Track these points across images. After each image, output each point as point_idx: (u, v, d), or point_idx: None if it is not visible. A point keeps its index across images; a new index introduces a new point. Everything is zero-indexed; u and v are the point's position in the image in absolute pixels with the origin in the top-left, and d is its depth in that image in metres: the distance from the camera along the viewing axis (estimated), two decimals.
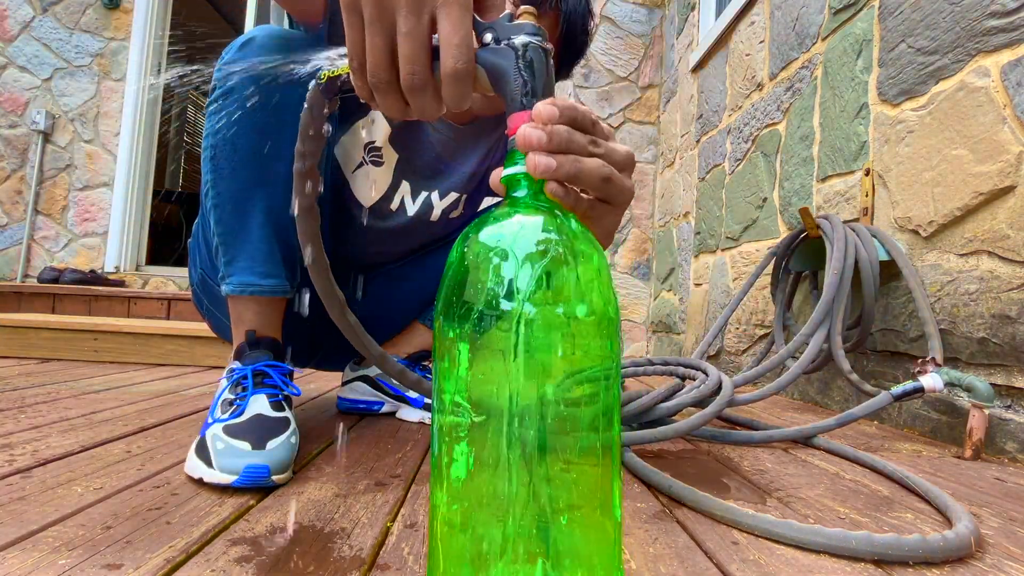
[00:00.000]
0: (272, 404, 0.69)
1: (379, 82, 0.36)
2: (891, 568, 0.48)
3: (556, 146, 0.33)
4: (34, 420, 0.87)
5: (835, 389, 1.40)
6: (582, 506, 0.29)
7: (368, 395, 1.06)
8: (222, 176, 0.75)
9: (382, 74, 0.36)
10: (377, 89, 0.37)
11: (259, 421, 0.66)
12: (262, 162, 0.75)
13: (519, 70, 0.34)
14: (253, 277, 0.77)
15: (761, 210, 1.83)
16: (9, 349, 1.70)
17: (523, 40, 0.34)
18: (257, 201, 0.76)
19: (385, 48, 0.35)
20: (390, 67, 0.36)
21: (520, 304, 0.28)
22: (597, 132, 0.37)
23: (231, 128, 0.73)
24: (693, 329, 2.36)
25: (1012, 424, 0.93)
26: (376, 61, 0.36)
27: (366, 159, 0.91)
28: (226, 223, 0.77)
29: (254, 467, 0.58)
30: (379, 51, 0.35)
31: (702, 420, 0.83)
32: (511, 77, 0.34)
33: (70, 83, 2.97)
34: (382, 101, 0.37)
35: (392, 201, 0.96)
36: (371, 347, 0.50)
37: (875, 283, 1.17)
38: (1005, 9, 0.97)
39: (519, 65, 0.34)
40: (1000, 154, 0.96)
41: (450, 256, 0.32)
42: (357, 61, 0.37)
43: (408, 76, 0.35)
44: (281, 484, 0.61)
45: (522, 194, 0.33)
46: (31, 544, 0.43)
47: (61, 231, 2.95)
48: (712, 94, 2.32)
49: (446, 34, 0.34)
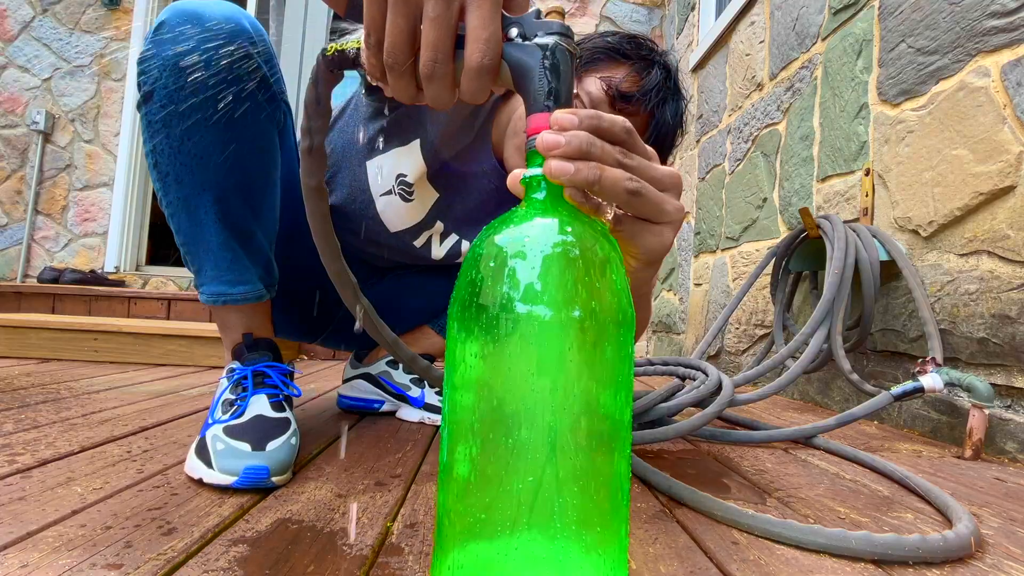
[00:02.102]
0: (272, 404, 0.69)
1: (396, 63, 0.35)
2: (891, 568, 0.48)
3: (575, 151, 0.32)
4: (34, 420, 0.87)
5: (835, 389, 1.40)
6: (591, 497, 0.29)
7: (369, 393, 1.06)
8: (169, 185, 0.70)
9: (400, 55, 0.34)
10: (392, 70, 0.35)
11: (259, 422, 0.66)
12: (204, 164, 0.69)
13: (544, 70, 0.33)
14: (223, 287, 0.75)
15: (761, 210, 1.83)
16: (9, 349, 1.70)
17: (551, 40, 0.33)
18: (208, 207, 0.71)
19: (407, 29, 0.34)
20: (409, 49, 0.34)
21: (526, 304, 0.28)
22: (632, 146, 0.36)
23: (163, 134, 0.68)
24: (693, 329, 2.36)
25: (1012, 424, 0.93)
26: (395, 41, 0.34)
27: (395, 189, 0.86)
28: (185, 232, 0.73)
29: (254, 468, 0.58)
30: (400, 31, 0.34)
31: (703, 420, 0.83)
32: (535, 76, 0.33)
33: (70, 83, 2.97)
34: (394, 83, 0.36)
35: (419, 237, 0.92)
36: (384, 332, 0.49)
37: (875, 283, 1.17)
38: (1005, 9, 0.97)
39: (544, 65, 0.33)
40: (1000, 154, 0.96)
41: (467, 255, 0.32)
42: (375, 37, 0.35)
43: (429, 63, 0.34)
44: (281, 485, 0.61)
45: (540, 196, 0.33)
46: (31, 544, 0.43)
47: (61, 231, 2.95)
48: (712, 94, 2.32)
49: (474, 26, 0.32)
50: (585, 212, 0.33)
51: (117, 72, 2.98)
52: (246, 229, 0.75)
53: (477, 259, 0.31)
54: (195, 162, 0.69)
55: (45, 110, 2.92)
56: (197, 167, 0.69)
